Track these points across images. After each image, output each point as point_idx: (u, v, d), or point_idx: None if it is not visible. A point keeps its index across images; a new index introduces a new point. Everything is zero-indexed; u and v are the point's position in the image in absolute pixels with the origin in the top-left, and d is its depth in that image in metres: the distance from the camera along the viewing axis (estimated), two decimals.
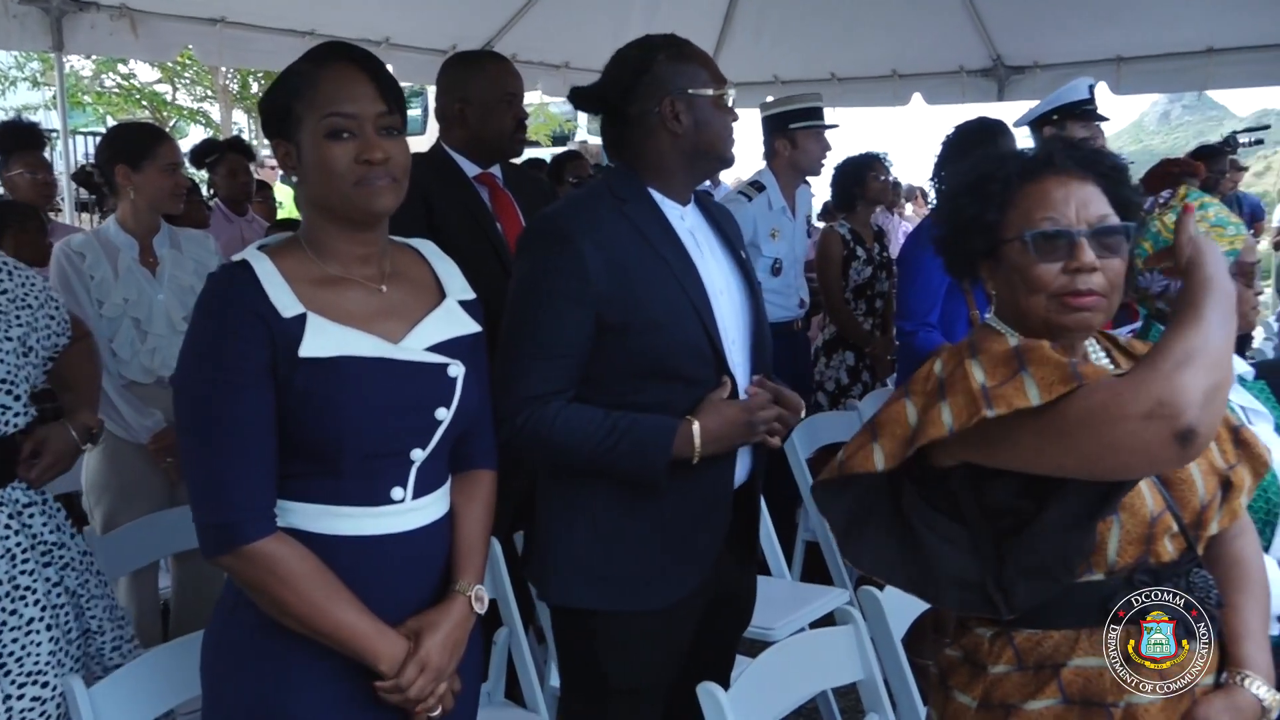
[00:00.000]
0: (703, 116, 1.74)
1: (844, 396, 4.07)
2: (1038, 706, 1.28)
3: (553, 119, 16.78)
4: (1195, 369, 1.12)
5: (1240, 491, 1.36)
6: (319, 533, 1.37)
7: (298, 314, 1.33)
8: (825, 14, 5.65)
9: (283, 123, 1.38)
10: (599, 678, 1.77)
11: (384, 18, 5.02)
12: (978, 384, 1.23)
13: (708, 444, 1.67)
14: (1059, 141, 1.35)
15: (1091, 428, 1.15)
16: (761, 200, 3.75)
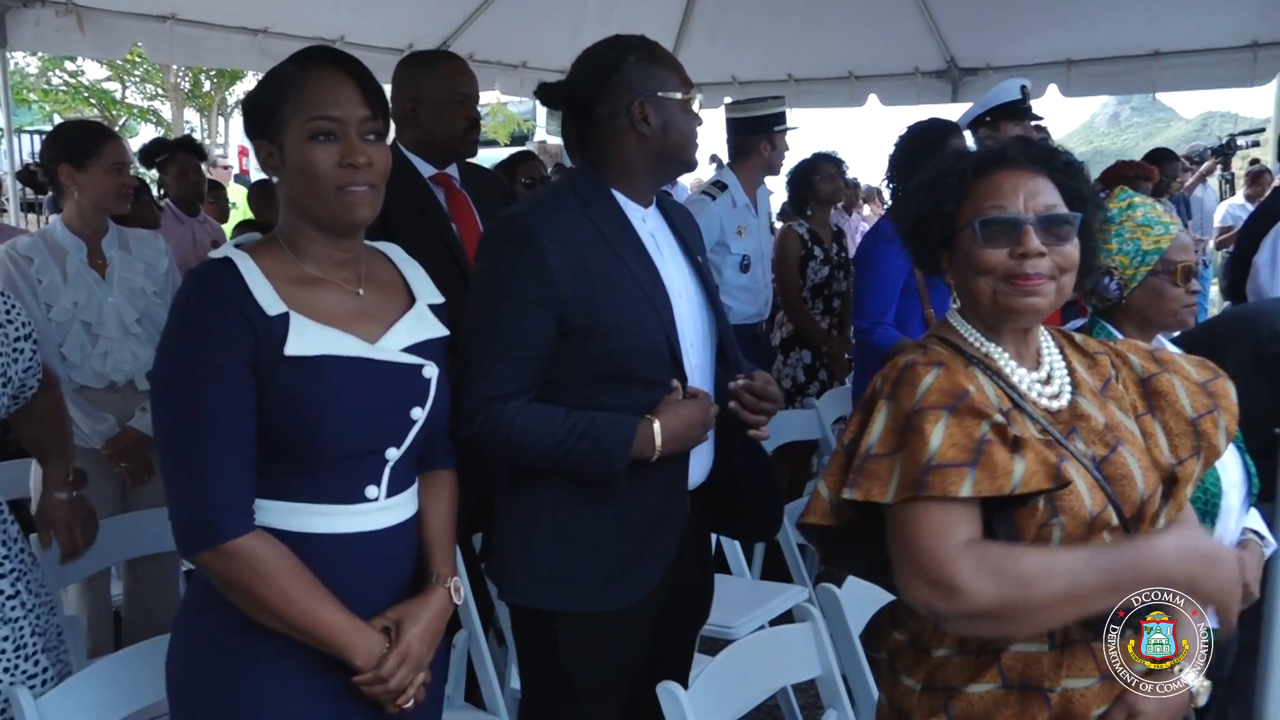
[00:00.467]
0: (670, 120, 1.74)
1: (801, 395, 4.11)
2: (978, 690, 1.32)
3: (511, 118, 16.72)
4: (1022, 595, 1.21)
5: (1187, 483, 1.40)
6: (293, 530, 1.38)
7: (281, 312, 1.34)
8: (782, 15, 5.69)
9: (266, 123, 1.39)
10: (560, 678, 1.77)
11: (339, 16, 4.96)
12: (865, 443, 1.32)
13: (668, 443, 1.68)
14: (1018, 139, 1.40)
15: (902, 549, 1.28)
16: (725, 199, 3.78)
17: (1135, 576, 1.22)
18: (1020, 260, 1.31)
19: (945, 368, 1.32)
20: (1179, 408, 1.44)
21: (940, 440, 1.26)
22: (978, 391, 1.31)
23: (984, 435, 1.26)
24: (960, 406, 1.28)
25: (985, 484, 1.23)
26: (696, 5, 5.84)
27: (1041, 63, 5.46)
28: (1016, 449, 1.26)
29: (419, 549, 1.53)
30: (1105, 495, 1.31)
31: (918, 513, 1.27)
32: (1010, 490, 1.24)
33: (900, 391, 1.32)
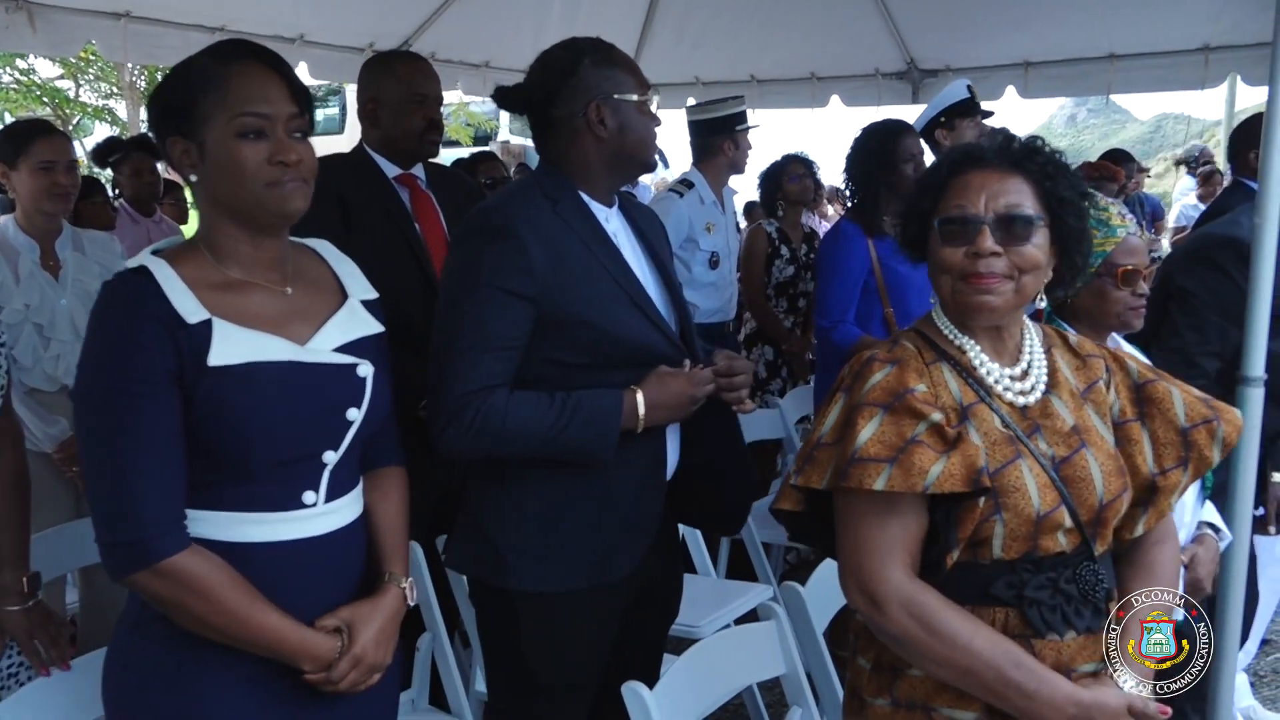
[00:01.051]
0: (627, 121, 1.75)
1: (763, 390, 4.13)
2: (919, 674, 1.36)
3: (474, 118, 16.61)
4: (928, 645, 1.30)
5: (1169, 493, 1.41)
6: (230, 541, 1.34)
7: (203, 320, 1.30)
8: (745, 17, 5.71)
9: (183, 120, 1.34)
10: (525, 675, 1.77)
11: (298, 14, 4.89)
12: (819, 432, 1.39)
13: (651, 411, 1.69)
14: (1001, 137, 1.41)
15: (845, 550, 1.38)
16: (692, 196, 3.81)
17: (1022, 707, 1.28)
18: (973, 260, 1.34)
19: (900, 365, 1.36)
20: (1171, 416, 1.45)
21: (869, 435, 1.31)
22: (928, 390, 1.34)
23: (915, 435, 1.30)
24: (898, 405, 1.31)
25: (899, 481, 1.28)
26: (659, 6, 5.84)
27: (1000, 65, 5.53)
28: (952, 449, 1.29)
29: (370, 549, 1.50)
30: (1060, 496, 1.32)
31: (859, 518, 1.34)
32: (923, 489, 1.28)
33: (855, 385, 1.37)
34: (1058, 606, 1.33)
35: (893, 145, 3.07)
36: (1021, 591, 1.33)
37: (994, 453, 1.32)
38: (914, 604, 1.30)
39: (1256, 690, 3.22)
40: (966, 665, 1.29)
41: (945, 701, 1.34)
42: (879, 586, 1.31)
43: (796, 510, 1.43)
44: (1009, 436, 1.34)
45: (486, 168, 5.28)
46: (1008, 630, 1.32)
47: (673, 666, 1.70)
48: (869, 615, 1.35)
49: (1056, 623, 1.33)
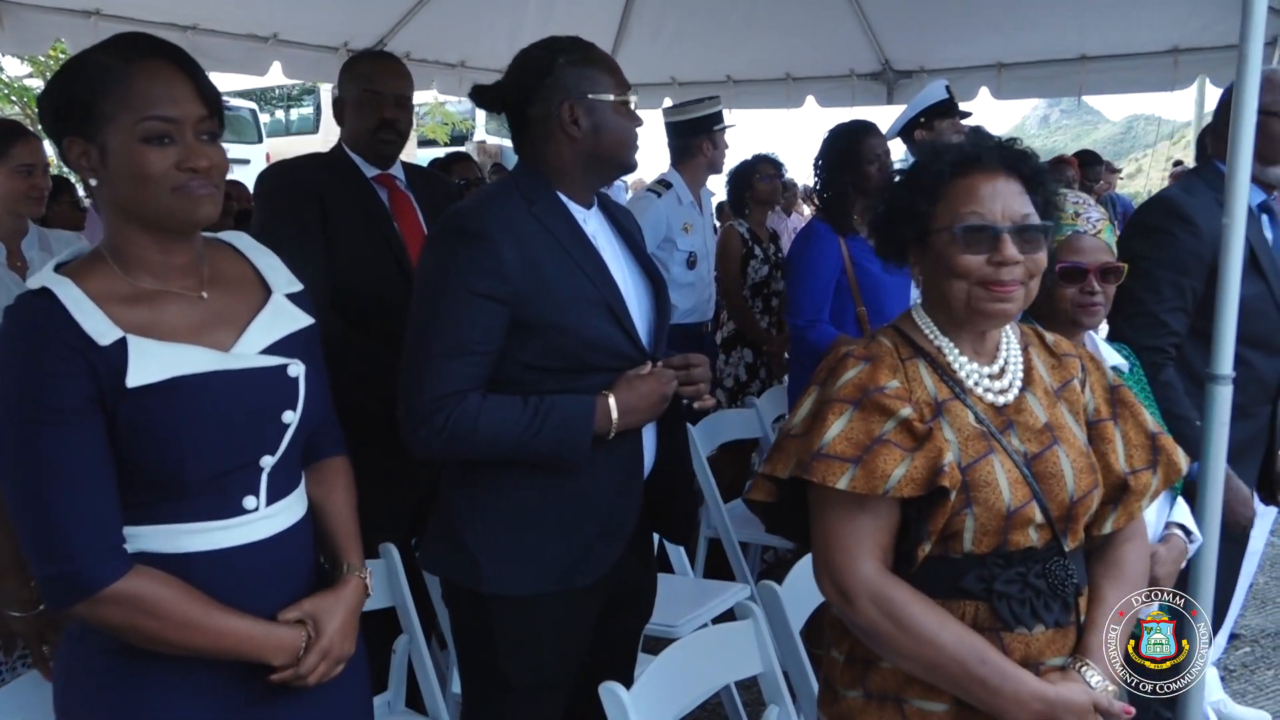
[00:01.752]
0: (602, 122, 1.74)
1: (743, 393, 4.14)
2: (890, 666, 1.38)
3: (450, 118, 16.54)
4: (896, 637, 1.32)
5: (1141, 495, 1.43)
6: (170, 552, 1.30)
7: (116, 339, 1.23)
8: (721, 17, 5.72)
9: (81, 121, 1.25)
10: (497, 676, 1.76)
11: (272, 13, 4.85)
12: (791, 424, 1.41)
13: (624, 415, 1.70)
14: (989, 138, 1.42)
15: (817, 543, 1.40)
16: (670, 196, 3.82)
17: (987, 702, 1.30)
18: (997, 268, 1.35)
19: (873, 362, 1.37)
20: (1141, 419, 1.48)
21: (837, 432, 1.33)
22: (901, 385, 1.36)
23: (883, 434, 1.31)
24: (866, 401, 1.33)
25: (861, 483, 1.30)
26: (635, 6, 5.84)
27: (973, 66, 5.57)
28: (919, 447, 1.31)
29: (325, 543, 1.48)
30: (1031, 491, 1.34)
31: (832, 513, 1.36)
32: (883, 493, 1.30)
33: (828, 379, 1.39)
34: (1026, 600, 1.34)
35: (857, 146, 3.11)
36: (991, 585, 1.34)
37: (966, 448, 1.33)
38: (883, 598, 1.32)
39: (1226, 684, 3.26)
40: (933, 659, 1.30)
41: (916, 693, 1.36)
42: (849, 580, 1.33)
43: (770, 501, 1.45)
44: (982, 432, 1.35)
45: (461, 168, 5.26)
46: (977, 624, 1.34)
47: (650, 666, 1.70)
48: (840, 608, 1.37)
49: (1025, 616, 1.34)
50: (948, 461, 1.31)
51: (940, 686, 1.33)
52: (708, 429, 3.39)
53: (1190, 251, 2.35)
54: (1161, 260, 2.35)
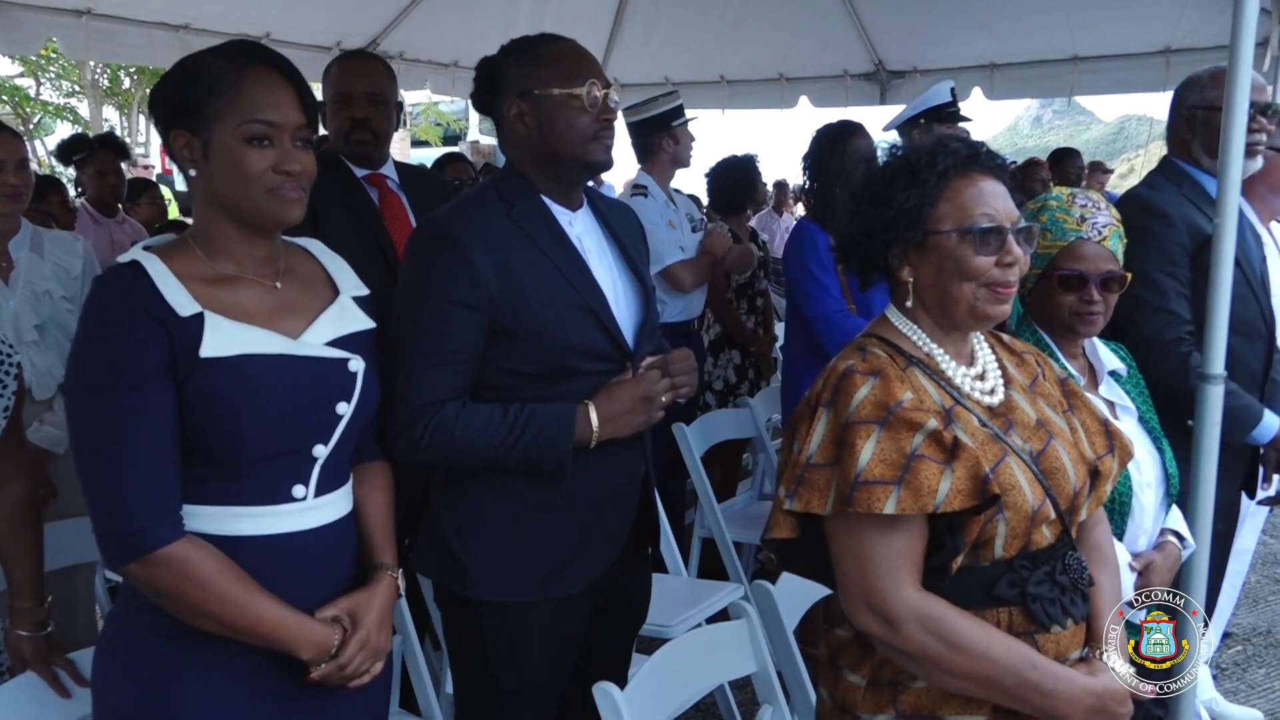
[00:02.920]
0: (547, 117, 1.68)
1: (733, 395, 4.13)
2: (923, 684, 1.35)
3: (443, 118, 16.55)
4: (947, 658, 1.28)
5: (1107, 479, 1.44)
6: (219, 534, 1.35)
7: (195, 313, 1.31)
8: (714, 17, 5.73)
9: (190, 115, 1.35)
10: (488, 679, 1.76)
11: (264, 12, 4.85)
12: (805, 451, 1.34)
13: (605, 424, 1.68)
14: (976, 141, 1.42)
15: (849, 571, 1.33)
16: (649, 197, 3.81)
17: (1042, 705, 1.29)
18: (1005, 268, 1.35)
19: (882, 376, 1.33)
20: (1091, 407, 1.51)
21: (870, 456, 1.28)
22: (915, 397, 1.32)
23: (915, 449, 1.28)
24: (892, 420, 1.29)
25: (909, 503, 1.26)
26: (629, 6, 5.85)
27: (966, 66, 5.59)
28: (952, 457, 1.28)
29: (360, 542, 1.52)
30: (1043, 489, 1.34)
31: (862, 537, 1.30)
32: (934, 509, 1.27)
33: (838, 400, 1.34)
34: (1056, 599, 1.34)
35: (844, 146, 3.11)
36: (1025, 589, 1.33)
37: (985, 452, 1.31)
38: (931, 619, 1.28)
39: (1219, 683, 3.27)
40: (988, 673, 1.28)
41: (954, 709, 1.33)
42: (893, 606, 1.28)
43: (792, 537, 1.38)
44: (991, 435, 1.34)
45: (454, 169, 5.26)
46: (1012, 629, 1.33)
47: (644, 666, 1.70)
48: (881, 634, 1.31)
49: (1058, 615, 1.34)
50: (991, 469, 1.28)
51: (991, 699, 1.31)
52: (702, 429, 3.39)
53: (1171, 242, 2.43)
54: (1149, 256, 2.40)
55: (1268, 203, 2.81)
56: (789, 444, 1.40)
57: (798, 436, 1.37)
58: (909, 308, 1.42)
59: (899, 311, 1.44)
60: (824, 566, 1.39)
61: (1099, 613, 1.41)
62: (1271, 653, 3.61)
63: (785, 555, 1.48)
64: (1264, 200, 2.80)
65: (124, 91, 19.67)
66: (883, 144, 1.55)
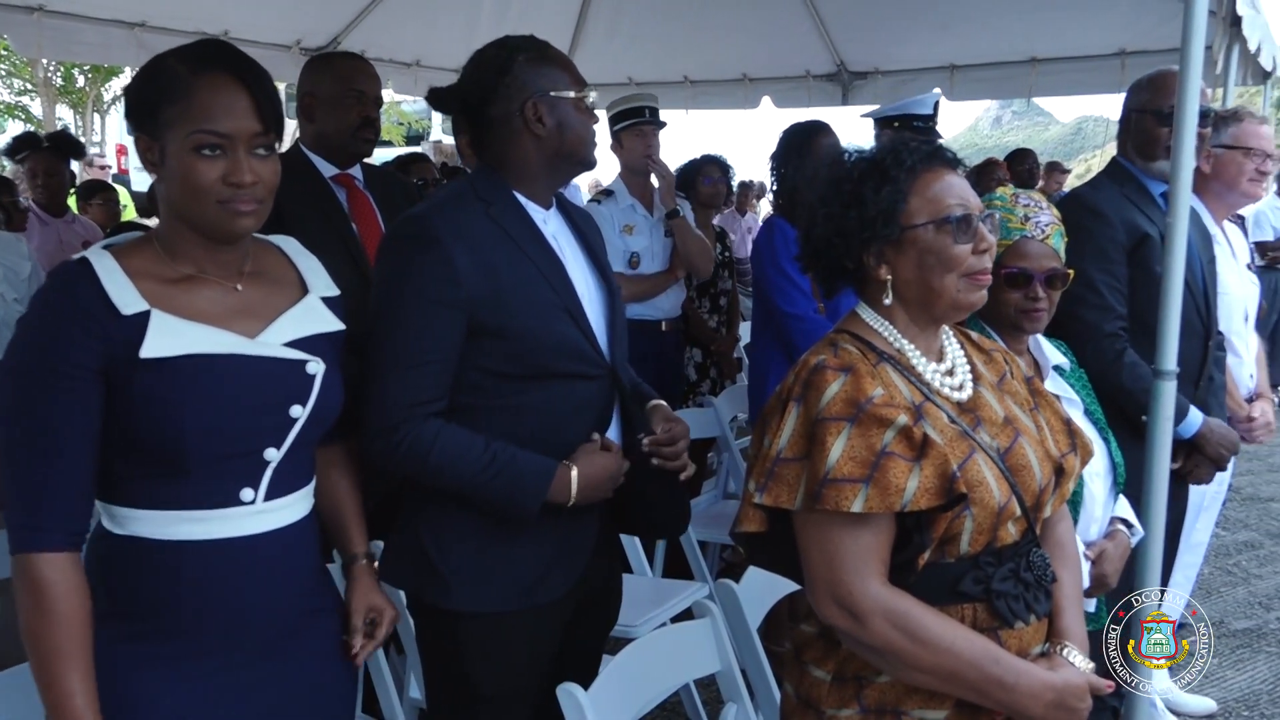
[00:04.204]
0: (565, 119, 1.73)
1: (694, 393, 4.14)
2: (887, 679, 1.36)
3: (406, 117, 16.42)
4: (911, 652, 1.29)
5: (1070, 477, 1.46)
6: (168, 539, 1.33)
7: (139, 311, 1.28)
8: (678, 17, 5.73)
9: (148, 120, 1.33)
10: (465, 685, 1.74)
11: (223, 9, 4.78)
12: (776, 445, 1.34)
13: (583, 490, 1.68)
14: (928, 137, 1.44)
15: (816, 566, 1.33)
16: (610, 202, 3.81)
17: (1003, 700, 1.31)
18: (981, 255, 1.37)
19: (853, 372, 1.33)
20: (1055, 406, 1.53)
21: (839, 453, 1.28)
22: (886, 393, 1.33)
23: (885, 446, 1.28)
24: (863, 416, 1.29)
25: (876, 502, 1.27)
26: (592, 6, 5.84)
27: (927, 67, 5.65)
28: (922, 455, 1.29)
29: (331, 528, 1.54)
30: (1010, 486, 1.35)
31: (831, 533, 1.31)
32: (900, 509, 1.27)
33: (809, 395, 1.34)
34: (1020, 595, 1.36)
35: (810, 145, 3.14)
36: (989, 585, 1.34)
37: (953, 449, 1.32)
38: (897, 614, 1.29)
39: (1173, 673, 3.33)
40: (952, 668, 1.29)
41: (917, 703, 1.35)
42: (860, 601, 1.29)
43: (761, 531, 1.39)
44: (959, 432, 1.35)
45: (418, 169, 5.22)
46: (976, 624, 1.34)
47: (608, 667, 1.71)
48: (848, 629, 1.31)
49: (1021, 611, 1.36)
50: (958, 466, 1.30)
51: (954, 693, 1.32)
52: None
53: (1107, 239, 2.51)
54: (1085, 254, 2.46)
55: (1223, 199, 2.88)
56: (759, 438, 1.40)
57: (768, 431, 1.38)
58: (886, 305, 1.42)
59: (870, 308, 1.45)
60: (792, 561, 1.40)
61: (1061, 609, 1.43)
62: (1224, 643, 3.69)
63: (753, 549, 1.49)
64: (1219, 197, 2.86)
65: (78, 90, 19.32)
66: (851, 144, 1.55)
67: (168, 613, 1.34)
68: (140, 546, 1.33)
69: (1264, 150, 2.80)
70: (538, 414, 1.69)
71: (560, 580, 1.75)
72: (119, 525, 1.34)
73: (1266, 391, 3.02)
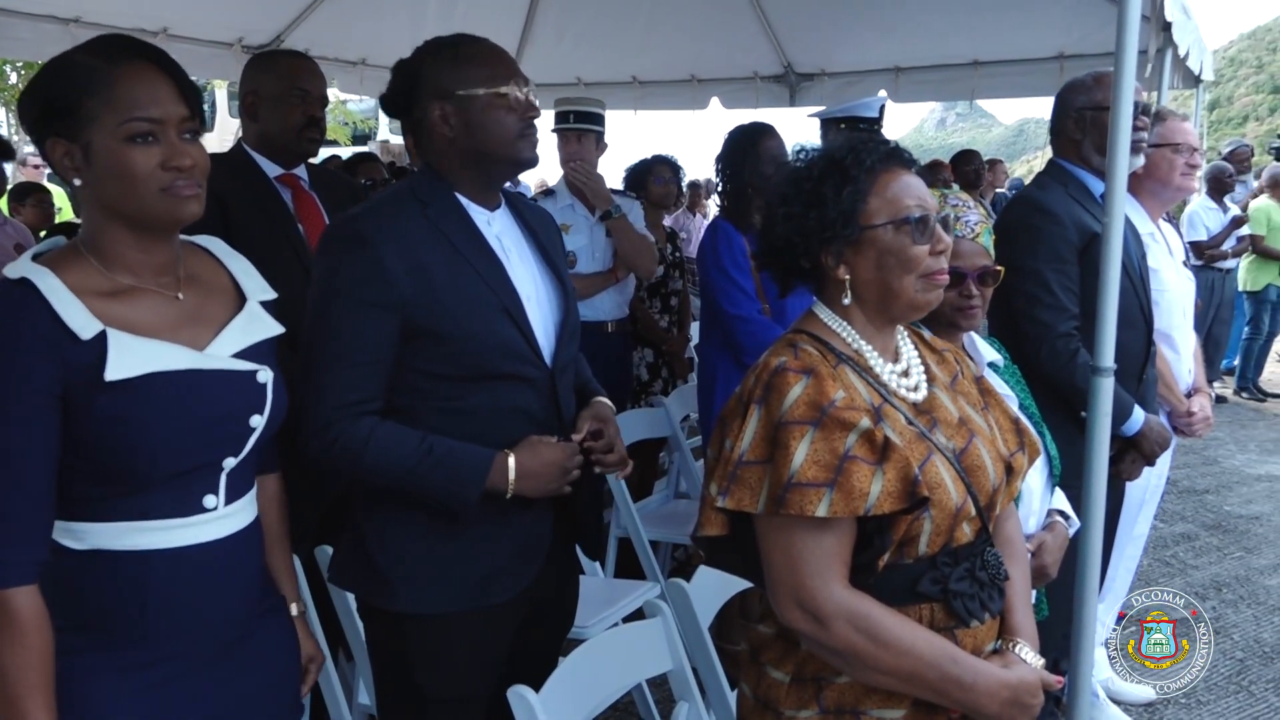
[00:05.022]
0: (474, 118, 1.68)
1: (645, 393, 4.15)
2: (846, 680, 1.36)
3: (351, 117, 16.23)
4: (872, 654, 1.30)
5: (1019, 475, 1.48)
6: (128, 550, 1.31)
7: (97, 333, 1.25)
8: (626, 18, 5.74)
9: (64, 120, 1.28)
10: (412, 689, 1.73)
11: (161, 6, 4.68)
12: (738, 448, 1.34)
13: (522, 479, 1.66)
14: (885, 138, 1.45)
15: (779, 568, 1.33)
16: (549, 200, 3.81)
17: (961, 699, 1.33)
18: (938, 256, 1.38)
19: (815, 375, 1.33)
20: (1004, 405, 1.55)
21: (803, 457, 1.28)
22: (847, 396, 1.33)
23: (848, 450, 1.28)
24: (826, 420, 1.29)
25: (840, 506, 1.27)
26: (540, 6, 5.82)
27: (872, 69, 5.73)
28: (884, 458, 1.29)
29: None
30: (965, 487, 1.36)
31: (793, 536, 1.31)
32: (864, 513, 1.28)
33: (770, 398, 1.33)
34: (975, 595, 1.37)
35: (755, 147, 3.16)
36: (946, 585, 1.35)
37: (912, 451, 1.32)
38: (859, 617, 1.29)
39: (1114, 663, 3.41)
40: (911, 670, 1.30)
41: (875, 703, 1.35)
42: (823, 604, 1.29)
43: (722, 534, 1.38)
44: (917, 433, 1.36)
45: (365, 169, 5.17)
46: (934, 624, 1.35)
47: (559, 668, 1.70)
48: (810, 632, 1.31)
49: (977, 610, 1.37)
50: (919, 470, 1.30)
51: (914, 693, 1.34)
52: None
53: (1059, 239, 2.55)
54: (1038, 254, 2.52)
55: (1158, 197, 2.95)
56: (719, 440, 1.39)
57: (729, 433, 1.37)
58: (844, 305, 1.42)
59: (828, 308, 1.44)
60: (752, 563, 1.40)
61: (1012, 606, 1.45)
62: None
63: (713, 552, 1.48)
64: (1154, 195, 2.94)
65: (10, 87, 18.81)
66: (795, 145, 1.55)
67: (128, 623, 1.32)
68: (103, 559, 1.30)
69: (1190, 144, 2.90)
70: (476, 415, 1.68)
71: (512, 581, 1.74)
72: (78, 540, 1.31)
73: (1204, 387, 3.10)
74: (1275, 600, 4.13)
